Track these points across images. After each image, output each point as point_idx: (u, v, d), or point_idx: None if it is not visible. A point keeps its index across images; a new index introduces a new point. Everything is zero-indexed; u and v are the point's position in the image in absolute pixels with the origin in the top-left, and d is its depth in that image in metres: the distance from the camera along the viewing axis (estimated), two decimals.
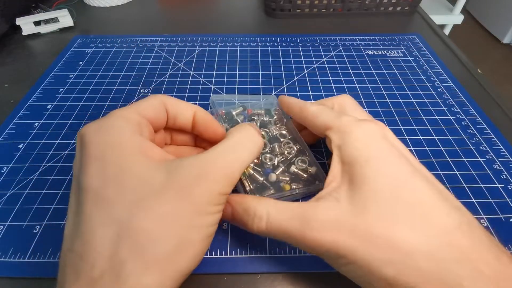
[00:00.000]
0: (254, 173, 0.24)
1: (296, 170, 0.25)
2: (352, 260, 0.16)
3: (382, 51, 0.42)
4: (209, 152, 0.17)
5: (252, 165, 0.24)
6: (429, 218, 0.15)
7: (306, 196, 0.24)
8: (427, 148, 0.29)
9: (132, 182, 0.15)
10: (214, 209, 0.16)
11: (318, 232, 0.16)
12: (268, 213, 0.18)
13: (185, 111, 0.20)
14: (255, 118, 0.28)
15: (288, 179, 0.24)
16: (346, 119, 0.20)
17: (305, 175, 0.24)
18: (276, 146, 0.26)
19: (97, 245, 0.14)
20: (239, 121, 0.28)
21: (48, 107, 0.33)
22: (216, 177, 0.16)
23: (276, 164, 0.25)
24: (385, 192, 0.16)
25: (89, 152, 0.16)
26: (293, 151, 0.26)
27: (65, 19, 0.46)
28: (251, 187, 0.23)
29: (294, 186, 0.24)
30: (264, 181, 0.24)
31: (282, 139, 0.27)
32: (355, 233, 0.16)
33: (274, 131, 0.27)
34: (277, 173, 0.24)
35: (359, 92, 0.35)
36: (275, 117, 0.28)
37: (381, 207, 0.16)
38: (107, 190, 0.15)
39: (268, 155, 0.25)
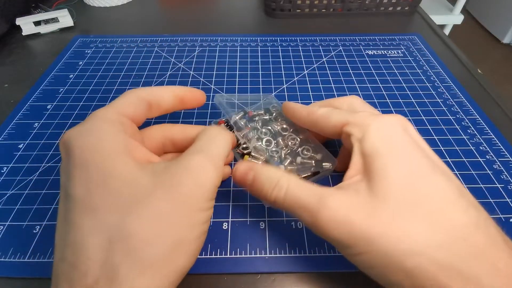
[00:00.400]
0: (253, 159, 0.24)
1: (302, 160, 0.26)
2: (368, 250, 0.15)
3: (382, 51, 0.42)
4: (190, 150, 0.17)
5: (260, 162, 0.25)
6: (447, 214, 0.15)
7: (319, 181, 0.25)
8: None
9: (118, 186, 0.15)
10: (206, 205, 0.16)
11: (334, 212, 0.16)
12: (289, 184, 0.18)
13: (165, 95, 0.20)
14: (256, 118, 0.29)
15: (296, 168, 0.25)
16: (363, 114, 0.20)
17: (312, 162, 0.25)
18: (280, 140, 0.27)
19: (88, 253, 0.14)
20: (242, 124, 0.28)
21: (48, 107, 0.33)
22: (205, 169, 0.16)
23: (283, 156, 0.26)
24: (405, 186, 0.16)
25: (73, 158, 0.15)
26: (297, 142, 0.27)
27: (65, 19, 0.46)
28: None
29: (304, 175, 0.25)
30: (265, 157, 0.24)
31: (284, 133, 0.27)
32: (373, 223, 0.15)
33: (276, 126, 0.28)
34: (285, 164, 0.25)
35: (359, 92, 0.35)
36: (274, 114, 0.29)
37: (400, 200, 0.16)
38: (94, 197, 0.14)
39: (274, 149, 0.26)
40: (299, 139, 0.27)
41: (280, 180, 0.18)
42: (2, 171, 0.27)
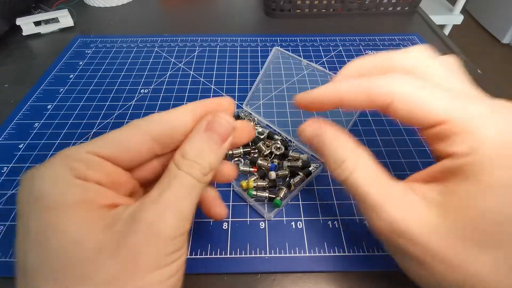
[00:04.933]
0: (257, 193, 0.24)
1: (289, 164, 0.26)
2: (426, 261, 0.14)
3: (382, 51, 0.42)
4: (150, 194, 0.14)
5: (254, 184, 0.25)
6: None
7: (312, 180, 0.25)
8: (426, 149, 0.29)
9: (57, 245, 0.12)
10: (169, 259, 0.14)
11: (394, 212, 0.14)
12: (353, 171, 0.16)
13: (180, 123, 0.16)
14: None
15: (287, 172, 0.25)
16: (476, 110, 0.14)
17: (299, 163, 0.26)
18: (261, 145, 0.27)
19: None
20: None
21: (48, 107, 0.33)
22: (160, 221, 0.13)
23: (270, 160, 0.27)
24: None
25: (17, 209, 0.13)
26: (282, 148, 0.27)
27: (65, 19, 0.46)
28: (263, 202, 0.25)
29: (296, 180, 0.25)
30: (268, 195, 0.24)
31: (261, 136, 0.28)
32: (439, 241, 0.14)
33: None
34: (276, 171, 0.25)
35: None
36: (245, 118, 0.30)
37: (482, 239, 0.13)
38: (28, 258, 0.12)
39: (260, 162, 0.26)
40: (279, 142, 0.27)
41: (346, 162, 0.16)
42: (2, 171, 0.27)
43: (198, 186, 0.15)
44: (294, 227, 0.23)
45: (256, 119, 0.31)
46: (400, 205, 0.15)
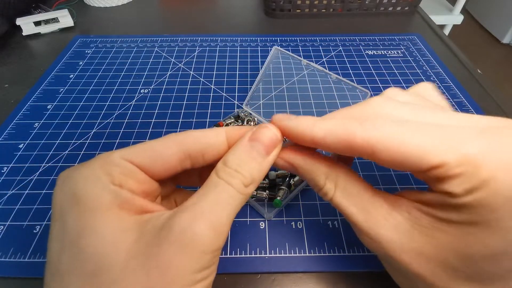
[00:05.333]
0: (257, 193, 0.24)
1: None
2: (413, 280, 0.14)
3: (382, 51, 0.42)
4: (186, 203, 0.14)
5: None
6: None
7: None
8: None
9: (92, 248, 0.12)
10: (196, 277, 0.13)
11: (378, 234, 0.15)
12: (334, 194, 0.16)
13: (214, 143, 0.16)
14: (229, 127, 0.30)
15: (286, 172, 0.25)
16: (473, 148, 0.13)
17: None
18: None
19: None
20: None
21: (48, 107, 0.33)
22: (197, 235, 0.13)
23: None
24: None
25: (52, 208, 0.14)
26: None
27: (65, 19, 0.46)
28: (263, 202, 0.24)
29: (295, 180, 0.25)
30: (268, 195, 0.24)
31: None
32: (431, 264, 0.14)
33: None
34: (276, 171, 0.25)
35: (359, 93, 0.35)
36: (246, 118, 0.30)
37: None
38: (62, 258, 0.13)
39: None
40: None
41: (325, 187, 0.16)
42: (2, 171, 0.27)
43: (238, 197, 0.14)
44: (294, 227, 0.23)
45: (256, 119, 0.31)
46: (384, 227, 0.14)
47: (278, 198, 0.23)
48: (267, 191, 0.24)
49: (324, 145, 0.15)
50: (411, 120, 0.14)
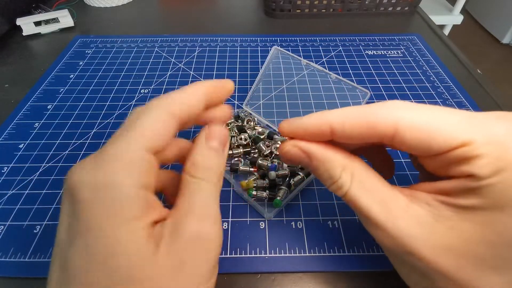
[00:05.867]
0: (257, 193, 0.24)
1: (289, 164, 0.26)
2: (433, 277, 0.14)
3: (382, 51, 0.42)
4: (179, 207, 0.15)
5: (254, 184, 0.25)
6: None
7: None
8: None
9: (120, 263, 0.12)
10: (215, 271, 0.15)
11: (398, 228, 0.14)
12: (350, 187, 0.15)
13: (197, 103, 0.16)
14: (229, 126, 0.29)
15: (286, 172, 0.25)
16: (500, 130, 0.13)
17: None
18: (261, 145, 0.27)
19: None
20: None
21: (48, 107, 0.33)
22: (212, 239, 0.14)
23: (270, 160, 0.26)
24: None
25: (81, 218, 0.13)
26: (277, 145, 0.27)
27: (65, 19, 0.46)
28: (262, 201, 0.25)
29: (296, 179, 0.25)
30: (268, 195, 0.24)
31: (261, 136, 0.28)
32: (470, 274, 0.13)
33: (250, 131, 0.29)
34: (276, 171, 0.25)
35: (359, 93, 0.35)
36: (246, 118, 0.30)
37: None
38: (91, 274, 0.12)
39: (260, 162, 0.26)
40: (280, 142, 0.27)
41: (341, 180, 0.15)
42: (2, 171, 0.27)
43: (216, 189, 0.16)
44: (294, 227, 0.23)
45: (256, 119, 0.31)
46: (405, 220, 0.14)
47: (278, 198, 0.23)
48: (267, 191, 0.24)
49: (342, 132, 0.15)
50: (431, 106, 0.14)
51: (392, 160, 0.20)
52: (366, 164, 0.16)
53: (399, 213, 0.14)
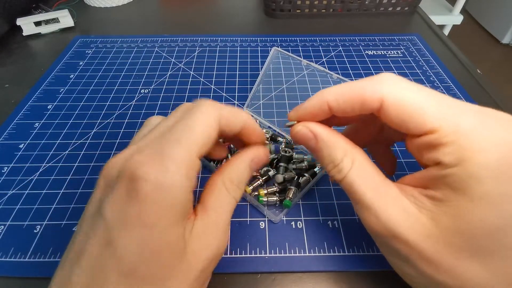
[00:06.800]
0: (268, 199, 0.24)
1: (295, 166, 0.26)
2: (416, 262, 0.14)
3: (382, 52, 0.42)
4: (209, 214, 0.16)
5: (265, 192, 0.24)
6: None
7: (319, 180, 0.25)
8: None
9: (165, 260, 0.14)
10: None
11: (388, 214, 0.15)
12: (350, 171, 0.16)
13: (235, 124, 0.17)
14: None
15: (294, 174, 0.25)
16: (468, 122, 0.14)
17: (304, 165, 0.26)
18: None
19: None
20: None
21: (48, 107, 0.33)
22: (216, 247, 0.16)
23: (274, 164, 0.26)
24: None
25: (140, 212, 0.13)
26: (289, 150, 0.27)
27: (65, 19, 0.46)
28: (272, 206, 0.25)
29: (302, 179, 0.25)
30: (279, 197, 0.24)
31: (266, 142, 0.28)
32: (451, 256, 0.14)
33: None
34: (281, 173, 0.25)
35: None
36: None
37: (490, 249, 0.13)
38: (141, 266, 0.13)
39: (264, 168, 0.26)
40: (286, 149, 0.27)
41: (342, 163, 0.16)
42: (2, 171, 0.27)
43: (235, 202, 0.18)
44: (294, 227, 0.23)
45: (257, 120, 0.31)
46: (394, 208, 0.15)
47: (288, 199, 0.23)
48: (277, 194, 0.24)
49: (337, 107, 0.17)
50: (417, 86, 0.15)
51: (395, 158, 0.22)
52: (366, 155, 0.17)
53: (390, 201, 0.15)
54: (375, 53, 0.41)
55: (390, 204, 0.15)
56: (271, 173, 0.25)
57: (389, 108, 0.15)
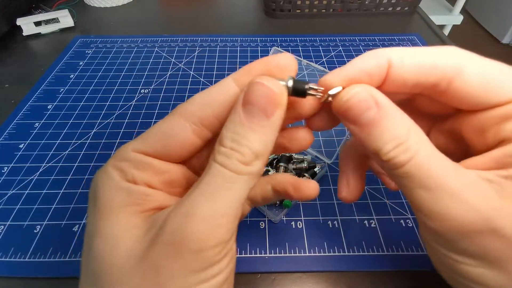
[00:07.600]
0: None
1: (295, 166, 0.26)
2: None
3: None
4: (186, 195, 0.12)
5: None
6: None
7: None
8: None
9: (97, 252, 0.12)
10: (202, 276, 0.12)
11: (481, 203, 0.12)
12: (418, 150, 0.12)
13: (223, 100, 0.14)
14: None
15: (294, 174, 0.25)
16: None
17: (305, 166, 0.26)
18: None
19: None
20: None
21: (48, 107, 0.33)
22: (189, 234, 0.11)
23: (274, 164, 0.26)
24: None
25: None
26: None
27: (65, 19, 0.46)
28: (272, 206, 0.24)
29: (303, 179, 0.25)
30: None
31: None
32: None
33: None
34: (281, 173, 0.25)
35: None
36: None
37: None
38: (82, 260, 0.13)
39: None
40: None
41: (410, 141, 0.12)
42: (2, 171, 0.27)
43: (238, 179, 0.12)
44: (294, 227, 0.23)
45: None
46: (482, 195, 0.12)
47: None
48: None
49: (400, 68, 0.13)
50: (489, 60, 0.14)
51: (364, 183, 0.19)
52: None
53: (474, 186, 0.12)
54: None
55: (477, 192, 0.12)
56: (271, 173, 0.25)
57: (469, 76, 0.13)
